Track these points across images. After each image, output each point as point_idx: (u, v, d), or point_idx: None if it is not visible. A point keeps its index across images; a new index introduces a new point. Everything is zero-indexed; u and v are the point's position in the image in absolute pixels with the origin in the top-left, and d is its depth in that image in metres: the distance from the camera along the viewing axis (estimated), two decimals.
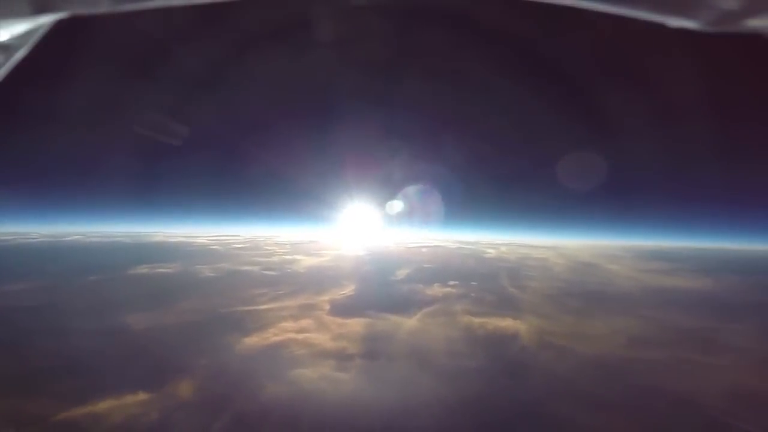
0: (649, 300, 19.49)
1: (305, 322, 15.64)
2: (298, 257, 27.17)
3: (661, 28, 1.47)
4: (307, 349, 13.13)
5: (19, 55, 1.83)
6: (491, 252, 30.40)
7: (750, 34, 1.33)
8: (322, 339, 14.02)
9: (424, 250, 30.22)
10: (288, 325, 15.23)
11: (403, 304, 17.44)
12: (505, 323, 15.85)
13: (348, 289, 20.16)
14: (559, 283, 23.17)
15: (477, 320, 16.13)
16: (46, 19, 1.75)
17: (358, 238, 31.15)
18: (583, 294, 20.51)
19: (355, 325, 15.44)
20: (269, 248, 29.98)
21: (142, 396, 9.59)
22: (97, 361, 11.18)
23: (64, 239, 33.95)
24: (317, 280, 21.71)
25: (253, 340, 13.52)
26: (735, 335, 14.28)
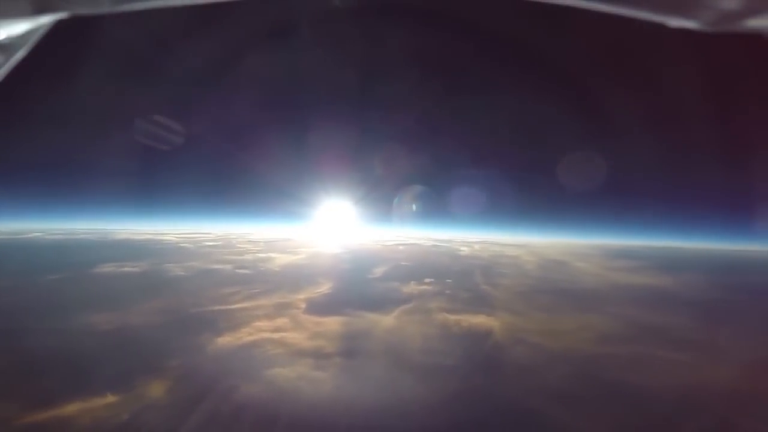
0: (615, 296, 20.38)
1: (281, 321, 15.38)
2: (272, 255, 26.61)
3: (661, 28, 1.48)
4: (283, 349, 12.92)
5: (19, 55, 1.81)
6: (465, 250, 30.91)
7: (750, 34, 1.36)
8: (298, 338, 13.83)
9: (400, 248, 30.35)
10: (263, 324, 14.93)
11: (380, 302, 17.45)
12: (479, 320, 16.16)
13: (324, 288, 19.95)
14: (530, 281, 23.82)
15: (452, 317, 16.37)
16: (46, 19, 1.74)
17: (334, 236, 30.87)
18: (553, 291, 21.19)
19: (333, 323, 15.32)
20: (242, 246, 29.23)
21: (111, 398, 9.20)
22: (62, 363, 10.63)
23: (23, 236, 31.83)
24: (293, 279, 21.35)
25: (226, 340, 13.17)
26: (694, 331, 15.16)
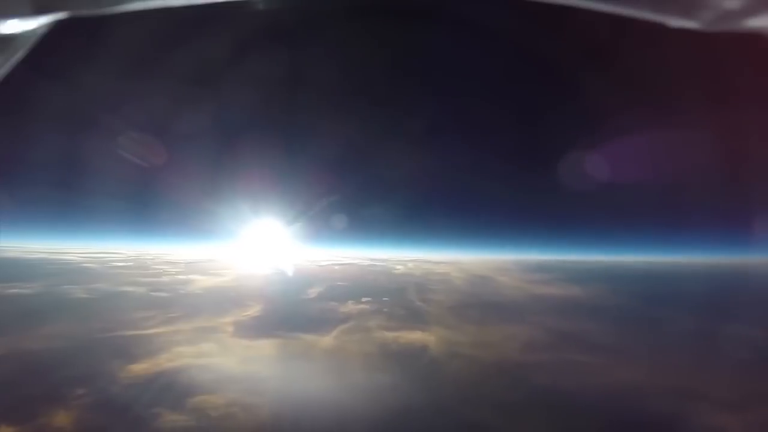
0: (534, 307, 22.10)
1: (206, 346, 14.09)
2: (193, 277, 24.37)
3: (661, 28, 1.57)
4: (210, 375, 11.75)
5: (19, 55, 1.79)
6: (400, 268, 31.42)
7: (750, 34, 1.47)
8: (227, 363, 12.74)
9: (336, 267, 29.79)
10: (184, 349, 13.51)
11: (317, 323, 16.85)
12: (416, 336, 16.41)
13: (254, 310, 18.72)
14: (460, 296, 24.88)
15: (390, 335, 16.39)
16: (46, 19, 1.73)
17: (264, 256, 29.22)
18: (480, 304, 22.37)
19: (266, 346, 14.43)
20: (159, 267, 26.34)
21: (5, 429, 7.47)
22: None
23: None
24: (217, 301, 19.71)
25: (141, 367, 11.63)
26: (605, 335, 16.96)
